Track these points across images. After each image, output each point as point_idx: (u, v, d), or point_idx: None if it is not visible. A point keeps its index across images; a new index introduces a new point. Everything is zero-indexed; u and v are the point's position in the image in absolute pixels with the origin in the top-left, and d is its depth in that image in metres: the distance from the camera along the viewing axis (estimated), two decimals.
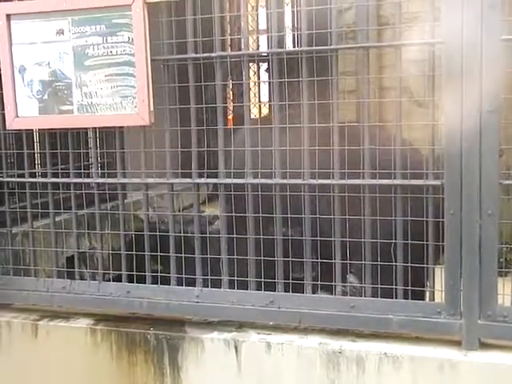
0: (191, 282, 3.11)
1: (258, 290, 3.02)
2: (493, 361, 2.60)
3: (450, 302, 2.70)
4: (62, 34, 3.13)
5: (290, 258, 3.02)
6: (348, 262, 2.92)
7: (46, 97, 3.21)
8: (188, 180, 3.10)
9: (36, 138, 3.65)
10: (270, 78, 3.06)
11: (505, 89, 2.61)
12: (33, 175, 3.50)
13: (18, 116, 3.26)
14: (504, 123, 2.63)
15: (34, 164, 3.76)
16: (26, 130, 3.41)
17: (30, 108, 3.24)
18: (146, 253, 3.18)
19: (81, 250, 3.48)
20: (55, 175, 3.36)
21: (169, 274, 3.15)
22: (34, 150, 3.70)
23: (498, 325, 2.63)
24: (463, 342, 2.69)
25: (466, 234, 2.63)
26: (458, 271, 2.66)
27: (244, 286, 3.04)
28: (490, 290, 2.63)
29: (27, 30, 3.18)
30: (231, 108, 4.97)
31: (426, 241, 2.75)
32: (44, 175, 3.44)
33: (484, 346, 2.69)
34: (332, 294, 2.95)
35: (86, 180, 3.38)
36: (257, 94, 5.11)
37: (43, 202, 3.44)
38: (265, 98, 5.47)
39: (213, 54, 2.99)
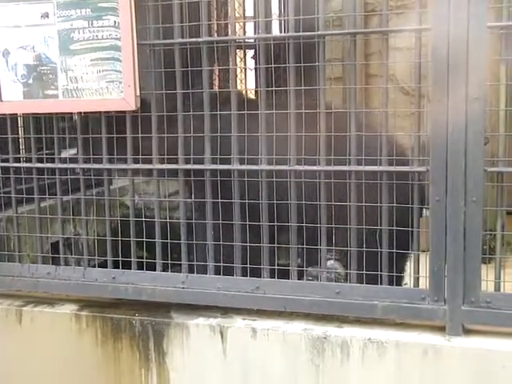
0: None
1: (243, 276, 3.02)
2: (476, 346, 2.63)
3: (434, 288, 2.72)
4: (47, 17, 3.10)
5: (275, 245, 3.03)
6: (333, 248, 2.93)
7: (30, 81, 3.18)
8: (174, 166, 3.09)
9: (20, 122, 3.61)
10: (256, 64, 3.05)
11: (490, 76, 2.62)
12: (17, 160, 3.47)
13: (1, 100, 3.23)
14: (489, 111, 2.65)
15: (19, 149, 3.72)
16: (11, 114, 3.37)
17: (14, 92, 3.21)
18: (131, 239, 3.17)
19: (66, 236, 3.46)
20: (40, 160, 3.33)
21: (154, 260, 3.15)
22: (18, 134, 3.66)
23: (481, 310, 2.65)
24: (447, 327, 2.71)
25: (450, 220, 2.65)
26: (443, 257, 2.68)
27: (230, 272, 3.05)
28: (474, 276, 2.65)
29: (11, 12, 3.14)
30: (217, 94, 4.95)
31: (411, 227, 2.77)
32: (29, 160, 3.41)
33: (468, 331, 2.71)
34: (317, 279, 2.96)
35: (71, 165, 3.35)
36: (243, 80, 5.10)
37: (28, 187, 3.41)
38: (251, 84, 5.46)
39: (200, 39, 2.97)
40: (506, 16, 2.53)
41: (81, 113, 3.24)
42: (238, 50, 3.39)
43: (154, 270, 3.15)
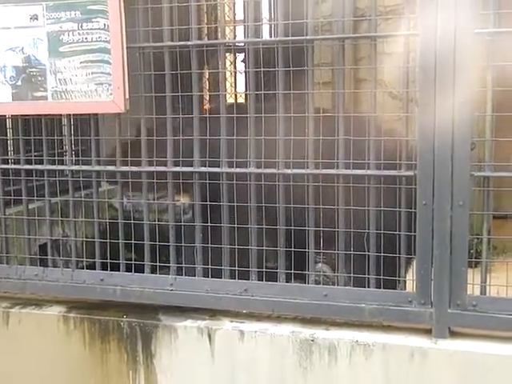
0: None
1: (231, 278, 3.03)
2: (462, 349, 2.65)
3: (420, 291, 2.74)
4: (36, 19, 3.10)
5: (263, 247, 3.04)
6: (321, 251, 2.94)
7: (19, 83, 3.17)
8: (163, 168, 3.10)
9: (9, 124, 3.61)
10: (246, 68, 3.06)
11: (478, 82, 2.65)
12: (5, 162, 3.46)
13: None
14: (476, 116, 2.68)
15: (7, 150, 3.71)
16: None
17: (3, 94, 3.20)
18: (119, 241, 3.17)
19: (54, 238, 3.45)
20: (28, 162, 3.33)
21: (143, 262, 3.15)
22: (6, 136, 3.65)
23: (467, 313, 2.68)
24: (433, 330, 2.73)
25: (437, 224, 2.67)
26: (429, 261, 2.70)
27: (218, 274, 3.06)
28: (460, 279, 2.67)
29: (0, 14, 3.14)
30: (207, 97, 4.97)
31: (399, 231, 2.79)
32: (17, 162, 3.40)
33: (454, 334, 2.74)
34: (305, 282, 2.98)
35: (60, 167, 3.35)
36: (233, 84, 5.11)
37: (16, 188, 3.41)
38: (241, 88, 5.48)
39: (189, 43, 2.98)
40: (492, 22, 2.56)
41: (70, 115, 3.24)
42: (227, 54, 3.41)
43: (143, 272, 3.15)
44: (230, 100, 3.93)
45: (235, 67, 4.90)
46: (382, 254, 2.82)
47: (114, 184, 3.23)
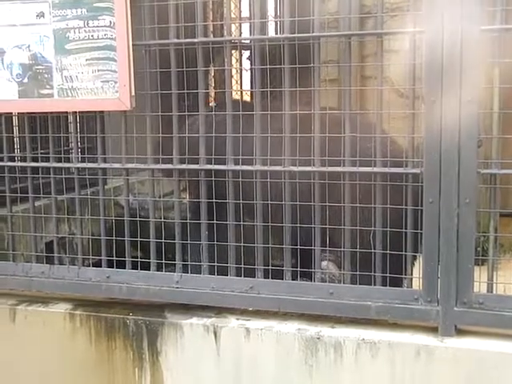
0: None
1: (237, 276, 3.03)
2: (468, 347, 2.64)
3: (427, 288, 2.73)
4: (43, 16, 3.10)
5: (269, 245, 3.04)
6: (328, 249, 2.94)
7: (25, 80, 3.18)
8: (169, 166, 3.10)
9: (15, 121, 3.61)
10: (251, 65, 3.06)
11: (484, 79, 2.64)
12: (12, 159, 3.47)
13: None
14: (483, 113, 2.67)
15: (14, 148, 3.72)
16: (5, 113, 3.37)
17: (9, 91, 3.21)
18: (125, 238, 3.17)
19: (60, 235, 3.46)
20: (35, 159, 3.33)
21: (149, 259, 3.15)
22: (13, 133, 3.66)
23: (473, 311, 2.67)
24: (440, 328, 2.73)
25: (444, 222, 2.66)
26: (436, 259, 2.69)
27: (224, 272, 3.06)
28: (467, 277, 2.67)
29: (6, 12, 3.14)
30: (213, 94, 4.97)
31: (405, 228, 2.78)
32: (23, 159, 3.41)
33: (460, 332, 2.73)
34: (311, 280, 2.97)
35: (66, 165, 3.35)
36: (239, 81, 5.12)
37: (22, 186, 3.42)
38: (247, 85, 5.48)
39: (195, 40, 2.98)
40: (499, 19, 2.55)
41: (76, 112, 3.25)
42: (233, 51, 3.41)
43: (149, 270, 3.15)
44: (236, 98, 3.91)
45: (241, 64, 4.90)
46: (388, 252, 2.81)
47: None
